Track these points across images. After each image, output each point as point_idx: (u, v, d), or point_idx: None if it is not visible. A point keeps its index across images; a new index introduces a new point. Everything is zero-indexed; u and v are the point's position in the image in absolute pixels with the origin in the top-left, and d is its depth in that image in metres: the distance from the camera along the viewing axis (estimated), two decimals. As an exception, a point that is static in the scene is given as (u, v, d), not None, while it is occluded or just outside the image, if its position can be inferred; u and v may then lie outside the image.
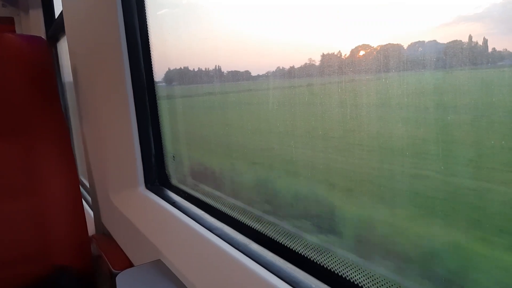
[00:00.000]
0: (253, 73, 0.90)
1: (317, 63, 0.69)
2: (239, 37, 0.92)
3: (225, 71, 1.00)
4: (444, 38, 0.51)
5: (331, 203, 0.73)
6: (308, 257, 0.73)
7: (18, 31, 1.37)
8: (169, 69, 1.30)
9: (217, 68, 1.02)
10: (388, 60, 0.58)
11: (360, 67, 0.61)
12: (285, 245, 0.79)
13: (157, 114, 1.33)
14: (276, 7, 0.76)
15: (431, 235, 0.56)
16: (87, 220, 1.49)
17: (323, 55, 0.68)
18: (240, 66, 0.94)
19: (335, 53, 0.65)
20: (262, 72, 0.85)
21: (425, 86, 0.54)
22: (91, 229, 1.59)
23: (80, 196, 1.48)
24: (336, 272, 0.67)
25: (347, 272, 0.65)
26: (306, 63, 0.71)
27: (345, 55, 0.64)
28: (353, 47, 0.62)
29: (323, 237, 0.73)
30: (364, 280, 0.62)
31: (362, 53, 0.62)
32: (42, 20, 2.74)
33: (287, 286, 0.68)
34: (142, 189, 1.34)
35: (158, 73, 1.30)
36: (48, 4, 2.71)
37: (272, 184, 0.92)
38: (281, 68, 0.78)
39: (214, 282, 0.76)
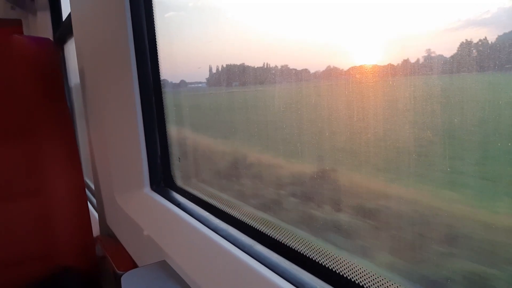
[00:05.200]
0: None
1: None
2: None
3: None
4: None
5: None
6: (313, 259, 0.73)
7: (26, 33, 1.39)
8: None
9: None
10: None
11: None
12: (290, 246, 0.79)
13: (163, 115, 1.33)
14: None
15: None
16: (92, 221, 1.50)
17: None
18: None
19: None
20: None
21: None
22: (95, 230, 1.59)
23: (85, 197, 1.49)
24: (341, 273, 0.67)
25: (351, 273, 0.65)
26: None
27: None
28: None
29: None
30: (366, 280, 0.62)
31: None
32: (50, 22, 2.77)
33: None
34: (147, 190, 1.35)
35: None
36: (56, 6, 2.74)
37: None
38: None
39: (219, 283, 0.76)
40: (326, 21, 0.73)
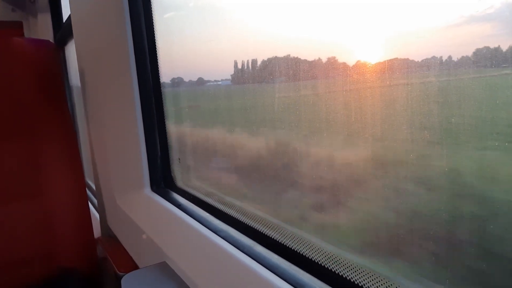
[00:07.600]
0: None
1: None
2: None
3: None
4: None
5: None
6: (313, 259, 0.72)
7: (26, 35, 1.39)
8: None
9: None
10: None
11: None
12: (290, 247, 0.79)
13: (163, 116, 1.33)
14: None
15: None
16: (93, 222, 1.49)
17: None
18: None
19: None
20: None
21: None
22: (97, 231, 1.59)
23: (86, 198, 1.48)
24: (340, 274, 0.66)
25: (351, 274, 0.64)
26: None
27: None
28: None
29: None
30: (366, 280, 0.61)
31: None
32: (50, 24, 2.77)
33: (292, 289, 0.68)
34: (147, 191, 1.34)
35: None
36: (56, 8, 2.74)
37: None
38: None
39: (219, 284, 0.76)
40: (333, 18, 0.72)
